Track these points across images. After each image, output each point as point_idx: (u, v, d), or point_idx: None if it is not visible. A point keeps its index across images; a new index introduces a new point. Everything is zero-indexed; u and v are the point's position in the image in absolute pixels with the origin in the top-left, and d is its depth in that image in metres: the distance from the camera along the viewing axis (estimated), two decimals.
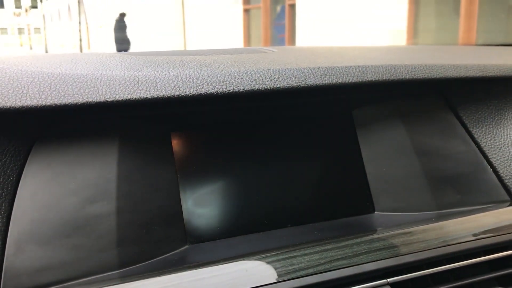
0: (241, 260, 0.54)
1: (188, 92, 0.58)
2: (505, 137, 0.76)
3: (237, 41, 9.96)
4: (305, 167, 0.69)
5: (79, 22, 17.86)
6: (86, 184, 0.57)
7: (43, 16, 28.20)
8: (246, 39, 9.95)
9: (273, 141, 0.68)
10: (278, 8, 9.04)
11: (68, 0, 19.76)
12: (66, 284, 0.53)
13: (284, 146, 0.69)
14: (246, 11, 9.84)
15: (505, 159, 0.74)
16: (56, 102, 0.54)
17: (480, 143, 0.74)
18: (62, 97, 0.54)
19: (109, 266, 0.55)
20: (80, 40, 17.45)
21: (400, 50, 0.97)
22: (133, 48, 10.65)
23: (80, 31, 17.70)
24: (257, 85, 0.61)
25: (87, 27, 17.35)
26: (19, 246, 0.53)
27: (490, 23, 5.12)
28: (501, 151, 0.74)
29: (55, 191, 0.56)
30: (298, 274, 0.54)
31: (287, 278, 0.53)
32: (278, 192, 0.67)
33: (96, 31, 16.07)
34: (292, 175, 0.68)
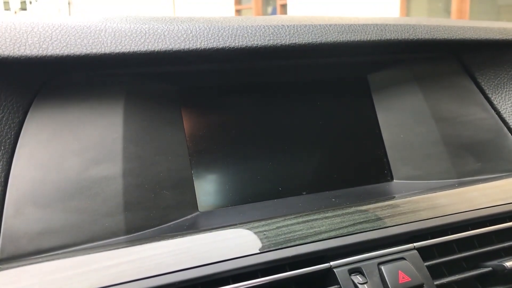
0: (258, 223, 0.51)
1: (198, 46, 0.54)
2: None
3: None
4: (320, 133, 0.65)
5: None
6: (90, 144, 0.53)
7: None
8: None
9: (286, 105, 0.65)
10: (270, 9, 9.02)
11: (58, 3, 19.61)
12: (69, 249, 0.49)
13: (298, 111, 0.65)
14: (238, 11, 9.81)
15: None
16: (58, 53, 0.49)
17: (500, 110, 0.71)
18: (64, 48, 0.50)
19: (115, 231, 0.51)
20: None
21: (416, 18, 0.94)
22: None
23: None
24: (271, 41, 0.57)
25: None
26: (18, 208, 0.49)
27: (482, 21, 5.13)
28: None
29: (57, 151, 0.51)
30: (320, 237, 0.50)
31: (308, 241, 0.49)
32: (292, 159, 0.63)
33: None
34: (307, 141, 0.64)
